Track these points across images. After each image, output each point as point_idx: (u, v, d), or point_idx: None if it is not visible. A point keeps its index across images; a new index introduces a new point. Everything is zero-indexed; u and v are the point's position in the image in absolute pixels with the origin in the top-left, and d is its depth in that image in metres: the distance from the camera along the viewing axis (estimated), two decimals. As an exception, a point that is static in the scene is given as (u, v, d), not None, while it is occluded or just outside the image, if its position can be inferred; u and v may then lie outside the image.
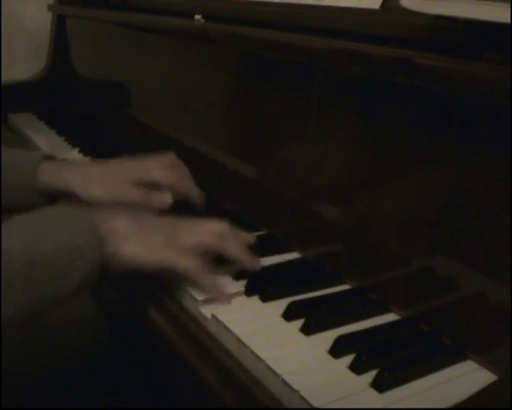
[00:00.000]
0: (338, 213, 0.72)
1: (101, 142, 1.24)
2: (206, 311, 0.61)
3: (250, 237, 0.69)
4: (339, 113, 0.74)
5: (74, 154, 1.17)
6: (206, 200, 0.84)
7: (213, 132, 0.98)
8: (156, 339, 0.64)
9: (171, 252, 0.61)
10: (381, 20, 0.74)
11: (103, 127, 1.38)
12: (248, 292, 0.65)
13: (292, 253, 0.77)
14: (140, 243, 0.60)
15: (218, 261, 0.67)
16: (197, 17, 1.02)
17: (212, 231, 0.65)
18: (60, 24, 1.61)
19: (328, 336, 0.57)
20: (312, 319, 0.59)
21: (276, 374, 0.51)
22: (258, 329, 0.59)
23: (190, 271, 0.62)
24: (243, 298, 0.65)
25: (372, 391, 0.51)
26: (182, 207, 0.76)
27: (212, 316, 0.59)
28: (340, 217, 0.72)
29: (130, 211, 0.66)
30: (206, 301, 0.62)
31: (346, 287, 0.69)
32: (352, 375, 0.53)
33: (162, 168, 0.79)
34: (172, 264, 0.62)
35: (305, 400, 0.49)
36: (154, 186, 0.78)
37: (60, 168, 0.80)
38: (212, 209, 0.85)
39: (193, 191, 0.81)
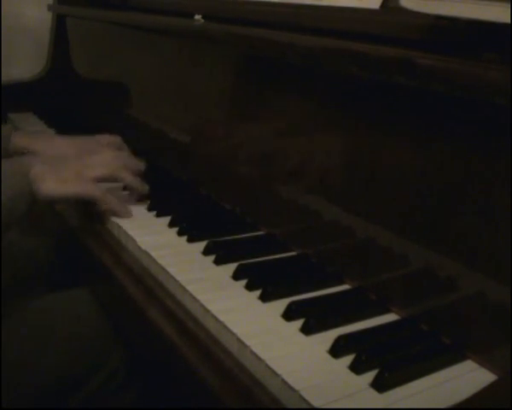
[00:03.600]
0: (338, 213, 0.72)
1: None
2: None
3: (141, 166, 0.89)
4: (339, 113, 0.74)
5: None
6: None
7: (213, 132, 0.98)
8: (159, 340, 0.64)
9: (80, 184, 0.79)
10: (380, 20, 0.74)
11: (103, 127, 1.37)
12: (249, 287, 0.66)
13: (292, 253, 0.77)
14: (55, 181, 0.77)
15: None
16: (197, 17, 1.02)
17: (110, 163, 0.84)
18: (60, 24, 1.61)
19: (328, 336, 0.57)
20: (312, 319, 0.59)
21: (276, 374, 0.51)
22: (258, 329, 0.59)
23: (97, 197, 0.80)
24: (245, 293, 0.65)
25: (372, 391, 0.51)
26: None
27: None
28: (339, 217, 0.72)
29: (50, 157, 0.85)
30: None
31: (346, 287, 0.69)
32: (352, 375, 0.53)
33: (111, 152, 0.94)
34: (83, 193, 0.80)
35: (305, 400, 0.49)
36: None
37: (31, 135, 1.01)
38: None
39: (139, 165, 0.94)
